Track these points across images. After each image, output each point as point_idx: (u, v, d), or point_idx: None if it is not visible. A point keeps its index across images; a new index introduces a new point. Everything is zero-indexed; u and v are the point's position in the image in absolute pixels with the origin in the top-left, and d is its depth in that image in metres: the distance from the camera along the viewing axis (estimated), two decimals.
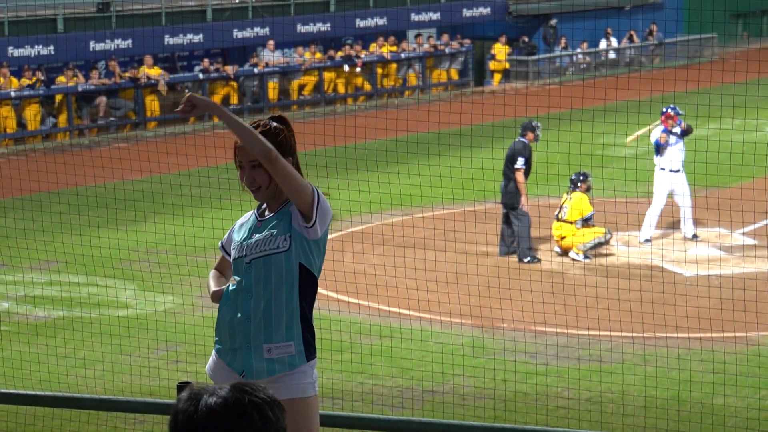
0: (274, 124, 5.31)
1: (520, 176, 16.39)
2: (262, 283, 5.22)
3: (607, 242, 16.67)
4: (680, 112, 17.10)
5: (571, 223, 16.58)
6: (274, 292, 5.22)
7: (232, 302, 5.32)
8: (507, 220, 16.61)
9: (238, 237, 5.38)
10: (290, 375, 5.25)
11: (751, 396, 10.82)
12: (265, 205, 5.39)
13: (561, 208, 16.84)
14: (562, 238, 16.61)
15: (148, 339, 12.52)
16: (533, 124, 16.58)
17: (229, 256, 5.49)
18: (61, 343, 12.47)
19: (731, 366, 11.57)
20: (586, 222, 16.62)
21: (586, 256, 16.47)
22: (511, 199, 16.52)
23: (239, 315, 5.27)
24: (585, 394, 11.04)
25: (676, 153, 17.11)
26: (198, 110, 5.18)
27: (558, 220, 16.72)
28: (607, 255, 16.73)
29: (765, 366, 11.69)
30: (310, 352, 5.32)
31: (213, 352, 5.47)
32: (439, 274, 14.02)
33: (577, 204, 16.67)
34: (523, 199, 16.30)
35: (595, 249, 16.58)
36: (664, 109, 17.13)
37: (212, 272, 5.63)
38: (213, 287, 5.49)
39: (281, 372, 5.25)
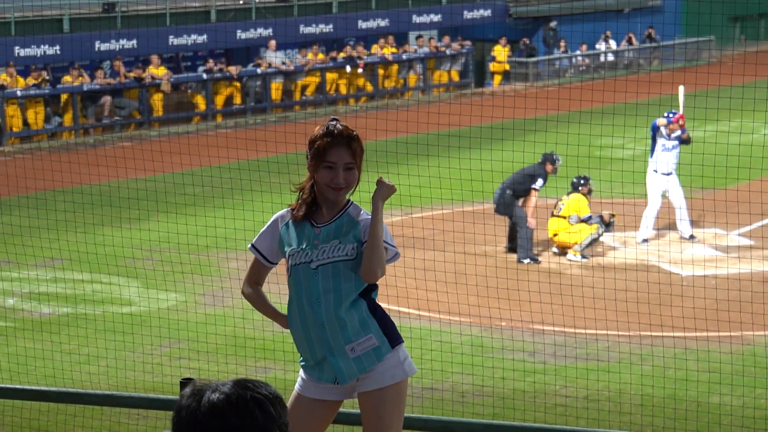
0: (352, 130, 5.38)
1: (534, 196, 16.47)
2: (331, 287, 5.22)
3: (600, 236, 16.69)
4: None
5: (565, 218, 16.64)
6: (344, 295, 5.23)
7: (301, 316, 5.29)
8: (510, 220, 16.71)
9: (296, 243, 5.29)
10: (379, 364, 5.30)
11: (747, 395, 10.83)
12: (310, 208, 5.32)
13: (557, 205, 16.91)
14: (555, 234, 16.66)
15: (152, 336, 12.53)
16: (554, 156, 16.66)
17: (263, 257, 5.43)
18: (65, 340, 12.49)
19: (727, 365, 11.59)
20: (584, 222, 16.63)
21: (583, 256, 16.50)
22: (506, 209, 16.57)
23: (313, 325, 5.26)
24: (582, 392, 11.05)
25: (670, 157, 17.16)
26: (382, 195, 5.27)
27: (553, 216, 16.80)
28: (604, 255, 16.75)
29: (760, 365, 11.70)
30: (393, 338, 5.37)
31: (300, 371, 5.46)
32: (439, 274, 14.03)
33: (574, 203, 16.71)
34: (531, 220, 16.33)
35: (591, 246, 16.61)
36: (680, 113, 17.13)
37: (256, 290, 5.52)
38: (277, 310, 5.49)
39: (371, 366, 5.29)
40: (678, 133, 17.12)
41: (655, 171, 17.21)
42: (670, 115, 17.13)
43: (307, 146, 5.31)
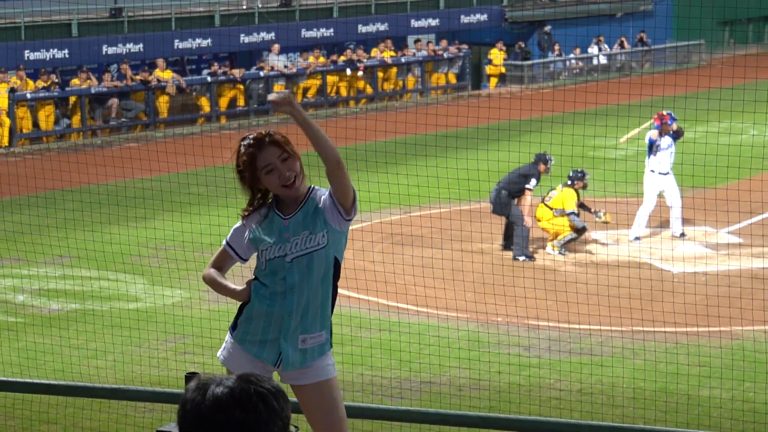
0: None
1: (528, 195, 16.44)
2: (306, 279, 5.21)
3: (579, 236, 16.71)
4: (675, 117, 17.16)
5: (551, 209, 16.69)
6: (314, 287, 5.22)
7: (267, 299, 5.26)
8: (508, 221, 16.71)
9: (269, 238, 5.27)
10: (319, 360, 5.32)
11: (736, 388, 10.83)
12: (281, 204, 5.30)
13: (549, 193, 16.96)
14: (539, 220, 16.74)
15: (157, 331, 12.53)
16: (547, 156, 16.65)
17: (237, 255, 5.45)
18: (74, 335, 12.49)
19: (716, 359, 11.59)
20: (567, 216, 16.66)
21: (560, 252, 16.54)
22: (502, 209, 16.56)
23: (279, 311, 5.24)
24: (576, 386, 11.05)
25: (666, 156, 17.15)
26: (287, 108, 5.05)
27: (543, 203, 16.87)
28: (598, 252, 16.75)
29: (749, 359, 11.70)
30: (332, 337, 5.40)
31: (230, 342, 5.40)
32: (437, 270, 14.04)
33: (562, 196, 16.75)
34: (527, 218, 16.31)
35: (569, 244, 16.64)
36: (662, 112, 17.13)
37: (213, 272, 5.50)
38: (233, 286, 5.41)
39: (312, 360, 5.30)
40: (671, 130, 17.10)
41: (653, 171, 17.20)
42: (654, 122, 17.15)
43: (238, 173, 5.27)
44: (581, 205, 16.84)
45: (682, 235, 17.25)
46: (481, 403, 10.47)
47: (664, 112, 17.03)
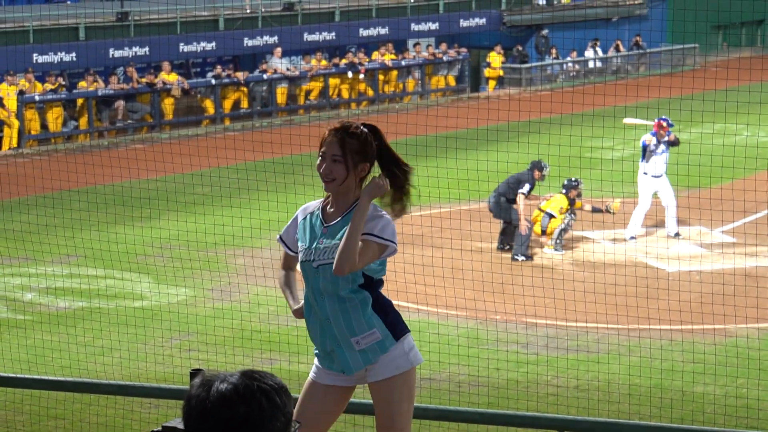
0: (364, 128, 5.22)
1: (521, 200, 16.40)
2: (330, 285, 5.14)
3: (569, 226, 16.70)
4: (671, 123, 17.14)
5: (543, 212, 16.74)
6: (343, 292, 5.14)
7: (311, 309, 5.24)
8: (507, 223, 16.69)
9: (305, 240, 5.24)
10: (384, 356, 5.23)
11: (729, 384, 10.83)
12: (329, 205, 5.24)
13: (544, 199, 16.99)
14: (534, 223, 16.79)
15: (163, 329, 12.53)
16: (542, 164, 16.64)
17: (290, 250, 5.39)
18: (81, 332, 12.49)
19: (710, 356, 11.59)
20: (553, 217, 16.70)
21: (556, 249, 16.54)
22: (504, 214, 16.55)
23: (320, 318, 5.20)
24: (573, 382, 11.04)
25: (660, 161, 17.15)
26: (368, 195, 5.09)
27: (538, 208, 16.91)
28: (594, 252, 16.74)
29: (742, 356, 11.70)
30: (397, 331, 5.25)
31: (315, 359, 5.39)
32: (437, 269, 14.04)
33: (555, 200, 16.78)
34: (522, 223, 16.28)
35: (562, 237, 16.64)
36: (659, 118, 17.11)
37: (282, 277, 5.45)
38: (293, 304, 5.37)
39: (376, 358, 5.22)
40: (666, 138, 17.09)
41: (646, 173, 17.19)
42: (651, 127, 17.15)
43: None
44: (594, 210, 16.83)
45: (677, 234, 17.25)
46: (480, 399, 10.47)
47: (663, 123, 17.00)
